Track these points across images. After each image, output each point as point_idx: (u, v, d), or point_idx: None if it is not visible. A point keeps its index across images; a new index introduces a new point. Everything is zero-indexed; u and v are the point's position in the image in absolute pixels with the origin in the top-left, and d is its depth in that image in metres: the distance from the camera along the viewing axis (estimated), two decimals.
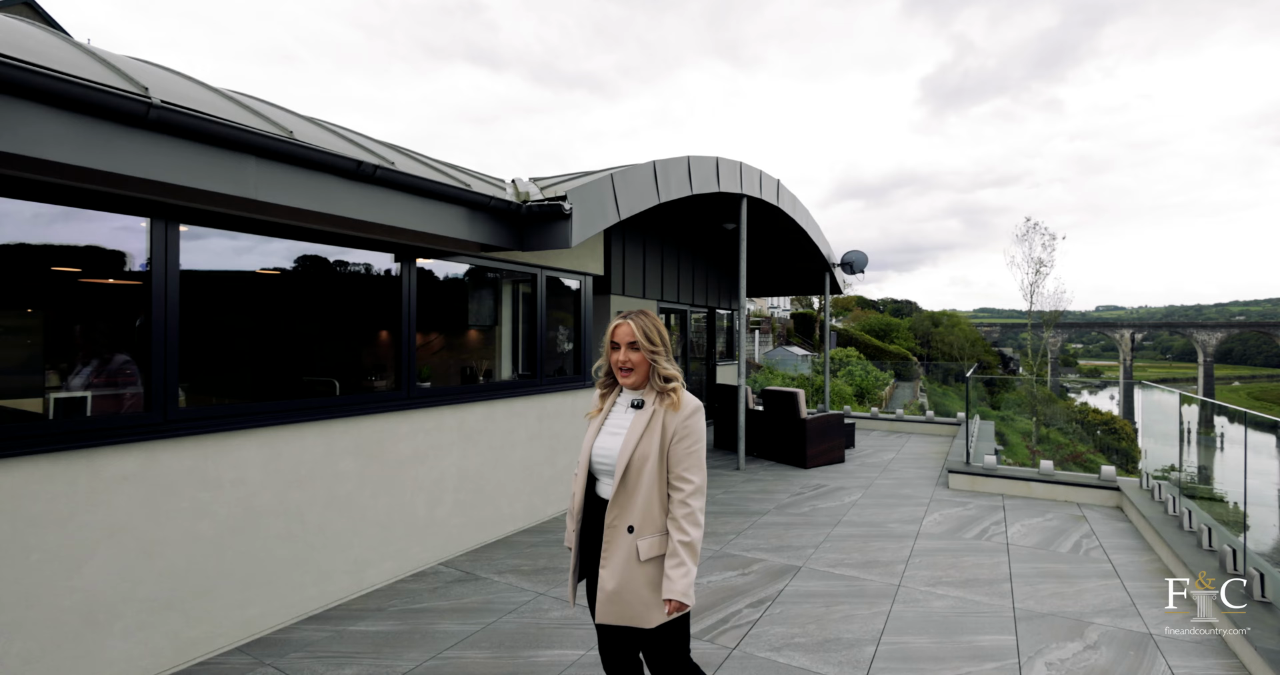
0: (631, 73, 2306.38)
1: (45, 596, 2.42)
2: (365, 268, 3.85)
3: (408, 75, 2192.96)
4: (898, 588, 3.83)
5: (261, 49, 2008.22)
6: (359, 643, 3.07)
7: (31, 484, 2.39)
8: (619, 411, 1.96)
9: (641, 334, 1.86)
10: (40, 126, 2.12)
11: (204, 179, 2.57)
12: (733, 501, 5.83)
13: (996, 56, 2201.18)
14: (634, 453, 1.81)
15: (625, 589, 1.77)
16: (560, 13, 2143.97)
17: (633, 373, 1.87)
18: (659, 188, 5.23)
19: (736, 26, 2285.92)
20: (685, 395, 1.87)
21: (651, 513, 1.82)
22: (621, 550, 1.80)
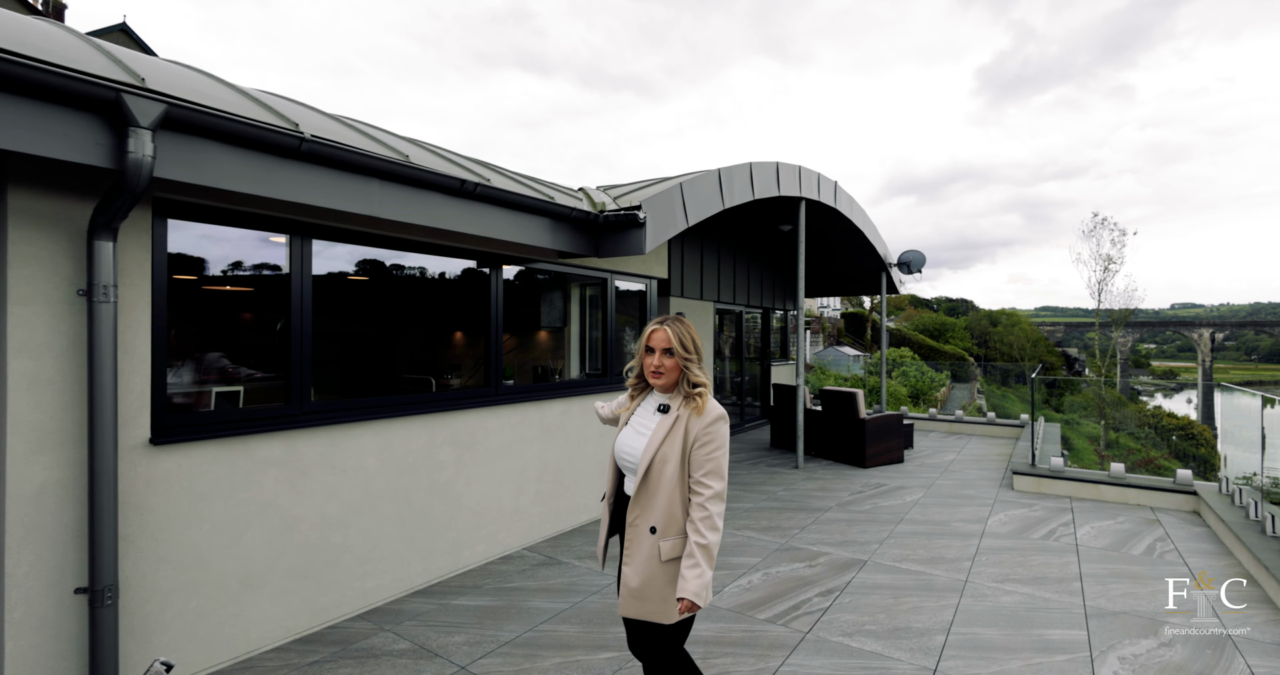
0: (677, 73, 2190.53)
1: (214, 561, 2.83)
2: (457, 275, 4.21)
3: (460, 83, 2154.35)
4: (965, 583, 3.91)
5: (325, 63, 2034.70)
6: (463, 615, 3.40)
7: (202, 465, 2.80)
8: (645, 412, 2.01)
9: (677, 341, 1.91)
10: (220, 161, 2.50)
11: (339, 200, 2.94)
12: (794, 498, 5.96)
13: (1060, 43, 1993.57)
14: (655, 454, 1.86)
15: (647, 587, 1.85)
16: (607, 16, 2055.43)
17: (664, 376, 1.92)
18: (723, 194, 5.42)
19: (784, 22, 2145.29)
20: (710, 402, 1.91)
21: (674, 515, 1.86)
22: (644, 549, 1.86)
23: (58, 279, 2.39)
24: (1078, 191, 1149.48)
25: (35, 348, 2.33)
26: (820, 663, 2.94)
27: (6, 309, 2.27)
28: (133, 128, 2.19)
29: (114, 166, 2.22)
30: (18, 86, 1.99)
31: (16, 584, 2.28)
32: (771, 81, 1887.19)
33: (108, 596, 2.41)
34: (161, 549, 2.66)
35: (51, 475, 2.37)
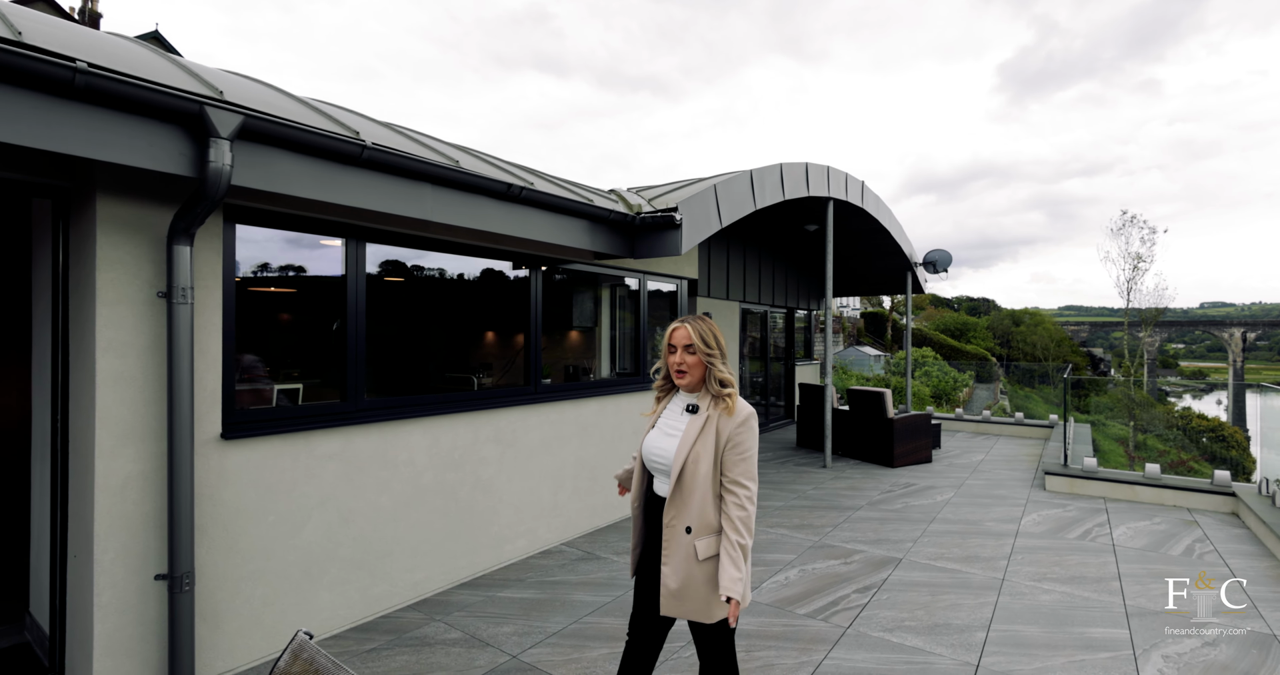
0: (694, 73, 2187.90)
1: (278, 551, 2.96)
2: (497, 276, 4.31)
3: (479, 85, 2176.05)
4: (1002, 581, 3.92)
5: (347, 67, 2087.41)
6: (509, 607, 3.50)
7: (268, 459, 2.93)
8: (673, 412, 2.01)
9: (699, 338, 1.91)
10: (289, 169, 2.62)
11: (395, 204, 3.05)
12: (824, 497, 5.99)
13: (1084, 37, 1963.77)
14: (689, 455, 1.87)
15: (687, 587, 1.86)
16: (624, 17, 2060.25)
17: (688, 374, 1.93)
18: (755, 195, 5.47)
19: (801, 21, 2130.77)
20: (740, 402, 1.92)
21: (706, 514, 1.87)
22: (681, 550, 1.87)
23: (140, 282, 2.52)
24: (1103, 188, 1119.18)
25: (120, 347, 2.47)
26: (863, 657, 2.98)
27: (96, 310, 2.41)
28: (213, 138, 2.31)
29: (195, 175, 2.34)
30: (111, 101, 2.11)
31: (104, 570, 2.42)
32: (789, 80, 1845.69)
33: (185, 583, 2.54)
34: (231, 539, 2.79)
35: (134, 468, 2.50)
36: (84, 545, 2.47)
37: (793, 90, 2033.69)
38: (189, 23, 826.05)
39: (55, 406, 2.65)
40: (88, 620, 2.43)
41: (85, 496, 2.47)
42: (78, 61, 1.98)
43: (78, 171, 2.56)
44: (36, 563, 3.04)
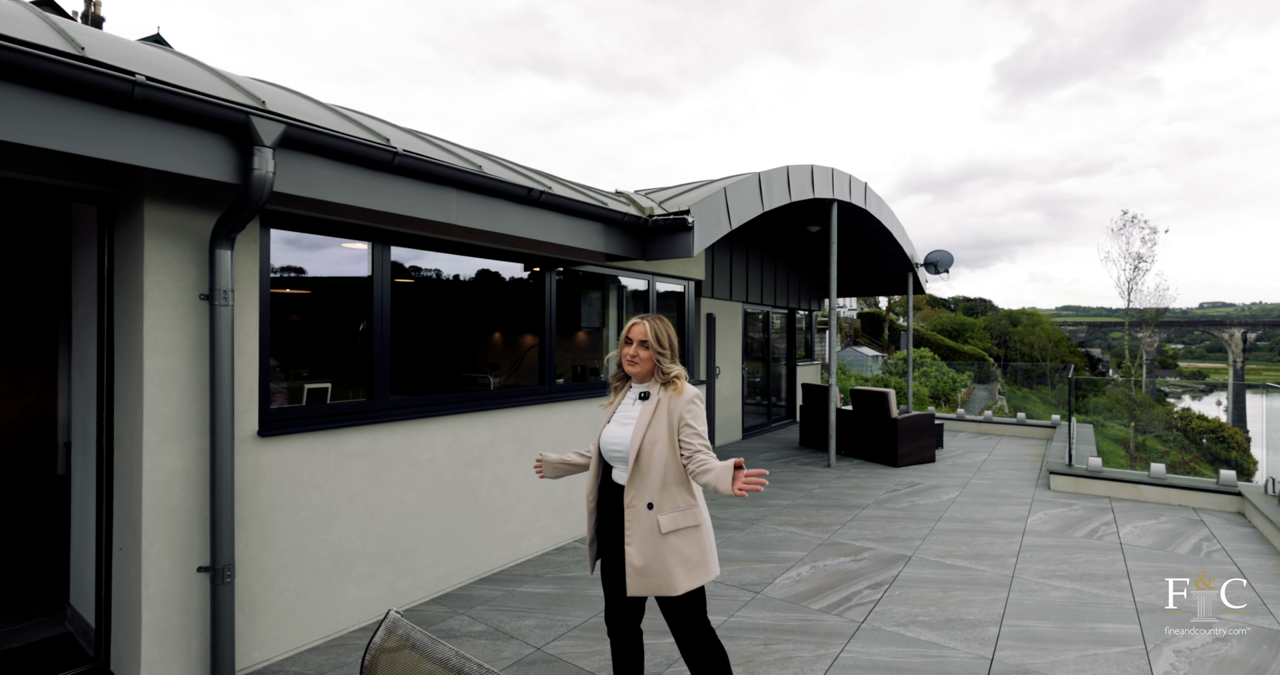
0: (689, 74, 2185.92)
1: (309, 546, 3.04)
2: (512, 278, 4.40)
3: (474, 86, 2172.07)
4: (1011, 578, 4.01)
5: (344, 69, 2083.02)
6: (529, 601, 3.59)
7: (301, 456, 3.02)
8: (627, 404, 2.14)
9: (654, 336, 2.06)
10: (324, 175, 2.71)
11: (421, 209, 3.14)
12: (830, 496, 6.08)
13: (1081, 36, 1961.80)
14: (644, 437, 1.98)
15: (652, 562, 1.94)
16: (619, 17, 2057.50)
17: (638, 366, 2.08)
18: (763, 197, 5.56)
19: (796, 21, 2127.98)
20: (686, 384, 2.07)
21: (669, 491, 1.97)
22: (643, 527, 1.96)
23: (183, 285, 2.61)
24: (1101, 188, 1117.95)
25: (166, 348, 2.55)
26: (879, 650, 3.07)
27: (144, 312, 2.49)
28: (257, 146, 2.40)
29: (239, 182, 2.43)
30: (164, 112, 2.20)
31: (151, 562, 2.51)
32: (784, 80, 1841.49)
33: (226, 575, 2.62)
34: (267, 533, 2.87)
35: (178, 464, 2.59)
36: (131, 538, 2.56)
37: (788, 90, 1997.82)
38: (188, 26, 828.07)
39: (100, 405, 2.74)
40: (135, 610, 2.51)
41: (133, 491, 2.55)
42: (137, 75, 2.07)
43: (124, 178, 2.64)
44: (77, 556, 3.13)
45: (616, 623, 2.19)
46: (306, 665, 2.88)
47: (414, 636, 1.08)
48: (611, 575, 2.14)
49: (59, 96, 1.98)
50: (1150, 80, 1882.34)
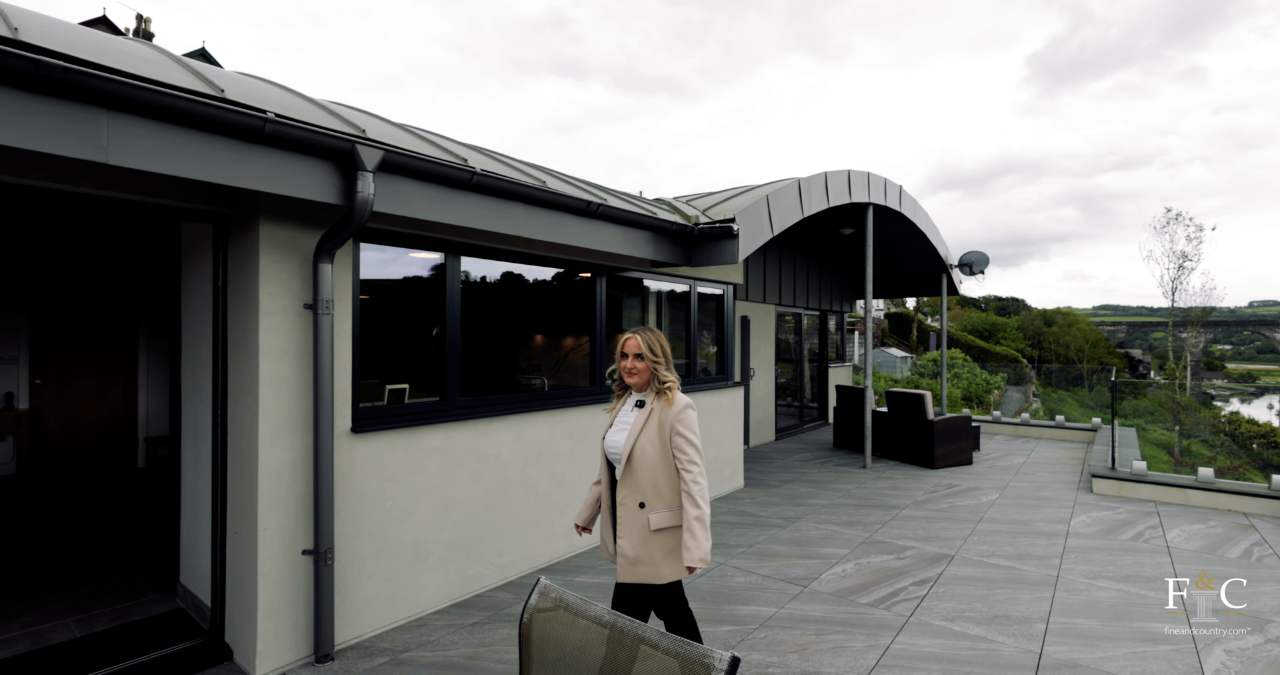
0: (711, 73, 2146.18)
1: (393, 534, 3.31)
2: (565, 284, 4.63)
3: (499, 90, 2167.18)
4: (1056, 578, 4.08)
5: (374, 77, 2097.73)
6: (588, 590, 3.80)
7: (386, 451, 3.28)
8: (626, 410, 2.32)
9: (646, 347, 2.24)
10: (413, 194, 2.97)
11: (493, 222, 3.38)
12: (868, 496, 6.18)
13: (1120, 25, 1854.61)
14: (635, 443, 2.17)
15: (643, 555, 2.17)
16: (642, 19, 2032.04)
17: (636, 376, 2.26)
18: (803, 203, 5.70)
19: (821, 18, 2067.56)
20: (678, 394, 2.23)
21: (660, 491, 2.17)
22: (634, 524, 2.17)
23: (290, 296, 2.89)
24: (1141, 182, 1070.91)
25: (276, 352, 2.83)
26: (928, 642, 3.21)
27: (259, 320, 2.78)
28: (360, 171, 2.66)
29: (343, 203, 2.69)
30: (285, 143, 2.47)
31: (265, 545, 2.79)
32: (808, 78, 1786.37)
33: (327, 558, 2.90)
34: (358, 522, 3.14)
35: (286, 457, 2.87)
36: (246, 524, 2.84)
37: (812, 88, 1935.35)
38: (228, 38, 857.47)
39: (215, 403, 3.04)
40: (251, 588, 2.80)
41: (247, 481, 2.84)
42: (267, 113, 2.34)
43: (238, 200, 2.94)
44: (187, 539, 3.45)
45: (619, 609, 2.31)
46: (394, 642, 3.14)
47: (566, 598, 1.28)
48: None
49: (203, 133, 2.26)
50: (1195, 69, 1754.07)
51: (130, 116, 2.10)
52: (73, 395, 6.40)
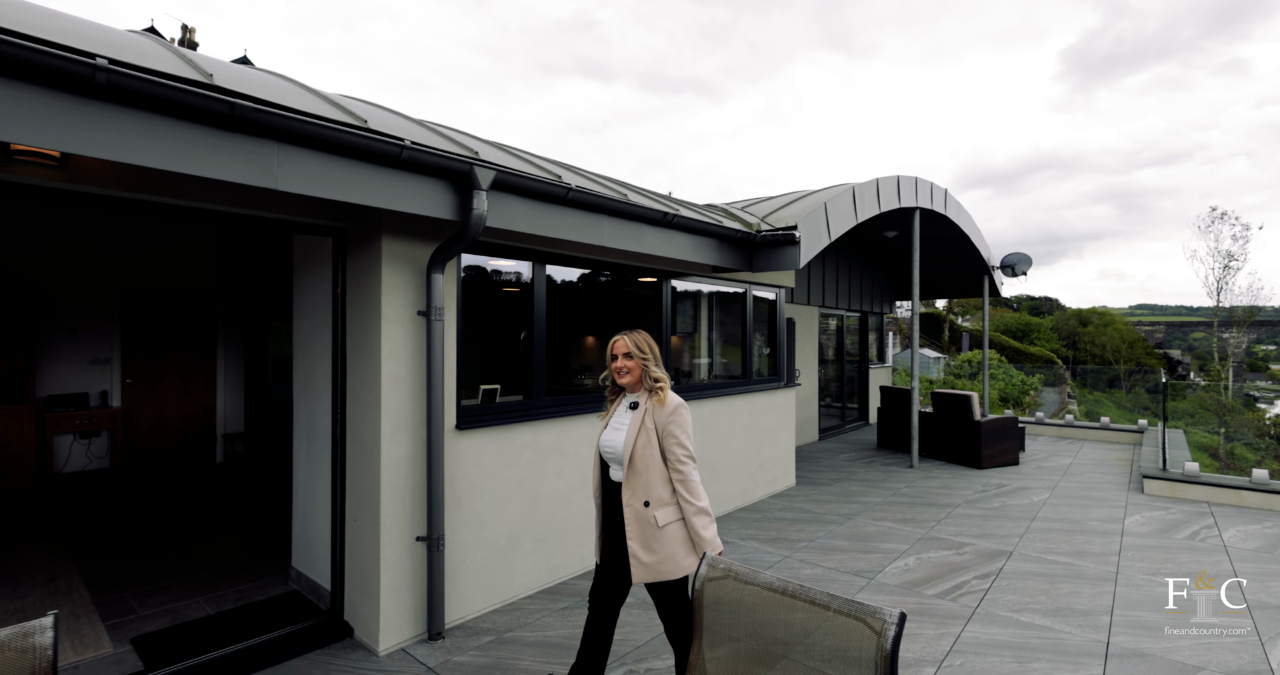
0: (737, 73, 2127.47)
1: (491, 524, 3.57)
2: (631, 289, 4.85)
3: (525, 92, 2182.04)
4: (1116, 574, 4.18)
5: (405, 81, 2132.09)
6: None
7: (484, 446, 3.54)
8: (621, 411, 2.38)
9: (634, 346, 2.34)
10: (515, 210, 3.22)
11: (581, 233, 3.61)
12: (919, 495, 6.29)
13: (1158, 17, 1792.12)
14: (635, 443, 2.23)
15: (658, 552, 2.20)
16: (667, 19, 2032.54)
17: (628, 375, 2.33)
18: (856, 210, 5.85)
19: (848, 15, 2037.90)
20: (669, 395, 2.29)
21: (658, 489, 2.23)
22: (642, 523, 2.22)
23: (406, 303, 3.16)
24: (1180, 178, 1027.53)
25: (395, 355, 3.11)
26: (997, 631, 3.35)
27: (381, 326, 3.05)
28: (475, 190, 2.91)
29: (458, 219, 2.95)
30: (413, 166, 2.73)
31: (386, 531, 3.07)
32: (835, 76, 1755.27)
33: (439, 544, 3.16)
34: (461, 511, 3.40)
35: (404, 451, 3.14)
36: (368, 512, 3.12)
37: (839, 86, 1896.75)
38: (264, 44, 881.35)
39: (335, 402, 3.33)
40: (373, 571, 3.08)
41: (369, 473, 3.12)
42: (405, 140, 2.61)
43: (357, 216, 3.22)
44: (299, 527, 3.76)
45: (599, 602, 2.41)
46: (495, 624, 3.40)
47: (735, 568, 1.50)
48: (609, 561, 2.37)
49: (351, 160, 2.53)
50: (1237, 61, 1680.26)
51: (295, 147, 2.37)
52: (160, 394, 6.85)
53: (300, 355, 3.83)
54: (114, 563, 4.13)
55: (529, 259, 3.87)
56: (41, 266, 6.08)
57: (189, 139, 2.11)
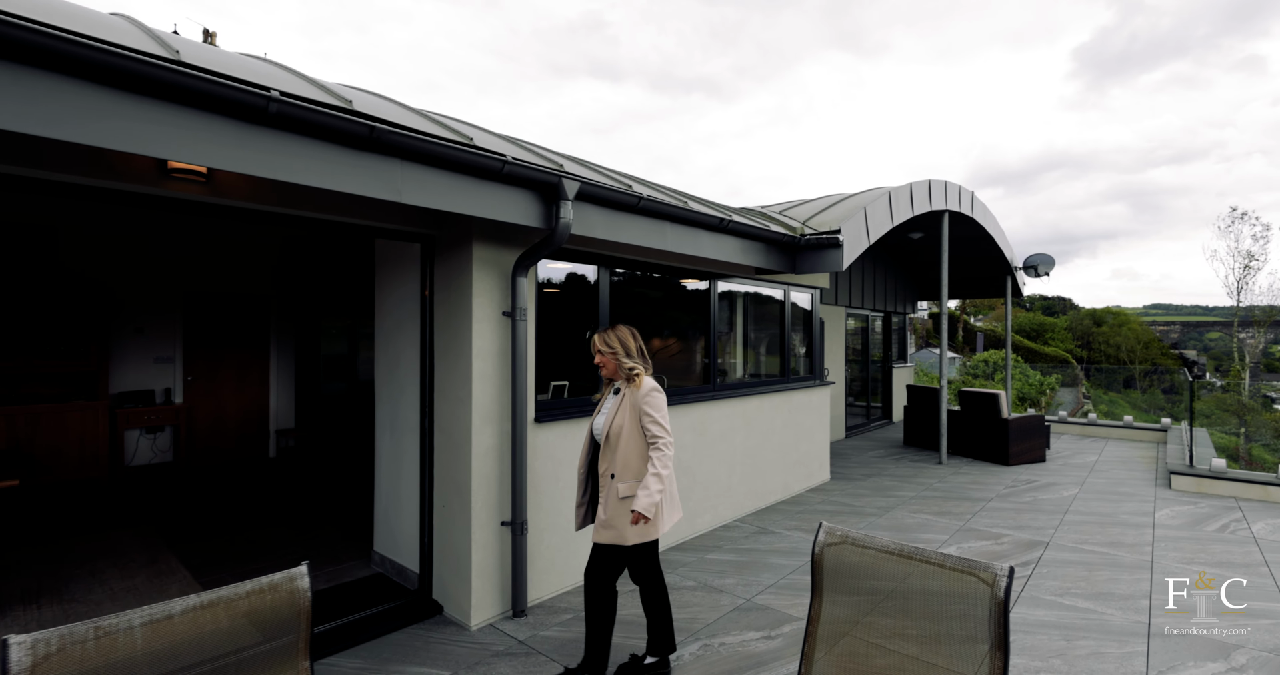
0: (746, 72, 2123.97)
1: (562, 510, 3.80)
2: (680, 290, 5.09)
3: (535, 93, 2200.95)
4: (1151, 563, 4.37)
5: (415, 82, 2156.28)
6: (720, 566, 4.25)
7: (557, 438, 3.78)
8: (609, 398, 2.76)
9: (603, 343, 2.69)
10: (593, 218, 3.46)
11: (648, 239, 3.85)
12: (951, 489, 6.48)
13: (1172, 14, 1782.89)
14: (612, 423, 2.60)
15: (610, 518, 2.57)
16: (677, 20, 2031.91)
17: (605, 367, 2.71)
18: (892, 213, 6.06)
19: (858, 15, 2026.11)
20: (644, 379, 2.62)
21: (629, 464, 2.55)
22: (609, 492, 2.58)
23: (493, 305, 3.41)
24: (1195, 177, 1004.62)
25: (484, 353, 3.36)
26: (1043, 613, 3.56)
27: (472, 326, 3.31)
28: (562, 201, 3.16)
29: (544, 227, 3.20)
30: (511, 179, 2.97)
31: (476, 515, 3.32)
32: (845, 75, 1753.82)
33: (522, 529, 3.41)
34: (538, 499, 3.65)
35: (491, 441, 3.39)
36: (459, 498, 3.38)
37: (849, 85, 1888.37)
38: (280, 47, 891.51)
39: (424, 396, 3.59)
40: (465, 553, 3.33)
41: (460, 462, 3.37)
42: (506, 155, 2.86)
43: (446, 223, 3.48)
44: (381, 513, 4.02)
45: (594, 577, 2.68)
46: (569, 603, 3.65)
47: (851, 534, 1.73)
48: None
49: (460, 175, 2.79)
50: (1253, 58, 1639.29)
51: (415, 164, 2.63)
52: (218, 391, 7.17)
53: (382, 352, 4.09)
54: (201, 547, 4.42)
55: (593, 263, 4.11)
56: (112, 269, 6.41)
57: (334, 159, 2.37)
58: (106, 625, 1.18)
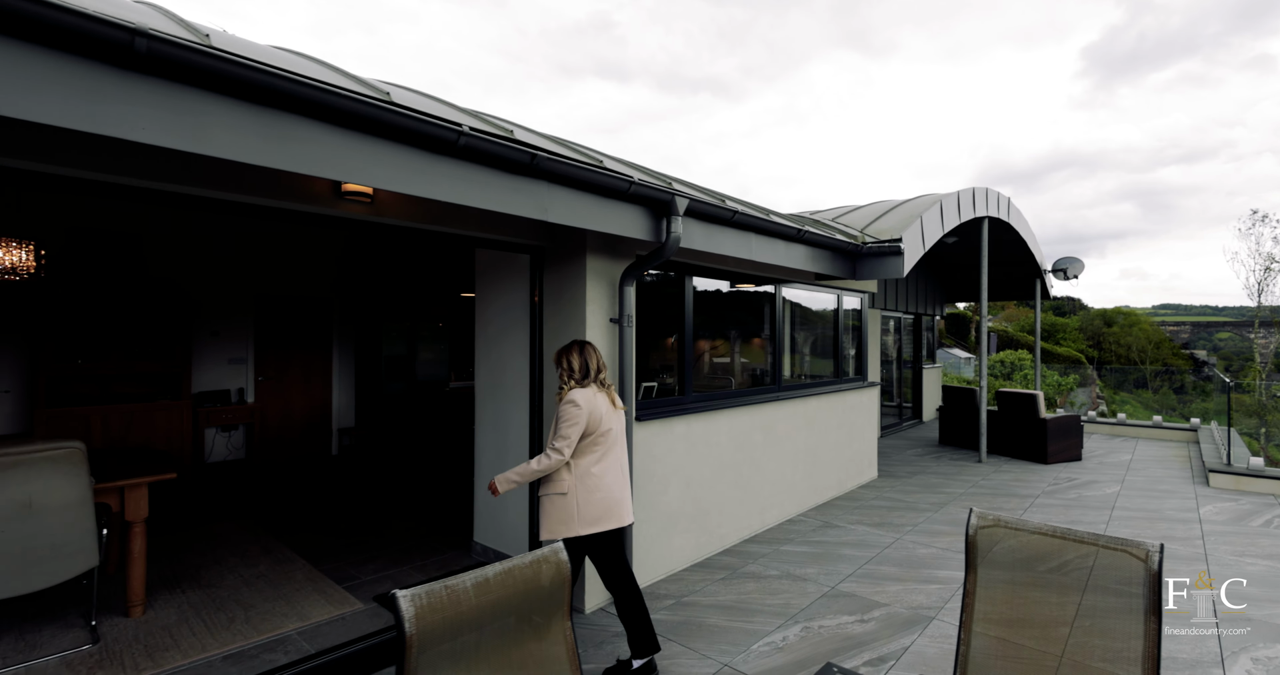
0: (754, 72, 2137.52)
1: (657, 504, 4.07)
2: (745, 295, 5.34)
3: (543, 94, 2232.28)
4: (1205, 555, 4.59)
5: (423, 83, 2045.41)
6: (797, 557, 4.50)
7: (652, 436, 4.05)
8: None
9: (554, 359, 2.93)
10: (694, 232, 3.71)
11: (736, 249, 4.10)
12: (996, 487, 6.71)
13: (1182, 13, 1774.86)
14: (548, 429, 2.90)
15: (540, 515, 2.81)
16: (684, 20, 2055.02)
17: (560, 378, 2.91)
18: (943, 220, 6.29)
19: (866, 14, 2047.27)
20: (567, 391, 2.80)
21: None
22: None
23: (602, 312, 3.68)
24: (1205, 176, 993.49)
25: None
26: None
27: (585, 332, 3.57)
28: (673, 216, 3.41)
29: (654, 240, 3.45)
30: (632, 197, 3.23)
31: None
32: (853, 75, 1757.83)
33: None
34: (636, 493, 3.91)
35: None
36: None
37: (857, 85, 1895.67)
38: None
39: (532, 394, 3.85)
40: None
41: None
42: (633, 177, 3.12)
43: (556, 235, 3.74)
44: (482, 505, 4.29)
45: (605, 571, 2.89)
46: (668, 590, 3.91)
47: (1002, 517, 1.98)
48: None
49: (592, 195, 3.05)
50: (1264, 57, 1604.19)
51: (557, 186, 2.89)
52: (286, 391, 7.46)
53: (484, 355, 4.36)
54: (307, 538, 4.70)
55: (680, 272, 4.37)
56: (190, 274, 6.71)
57: (499, 184, 2.63)
58: (451, 584, 1.46)
